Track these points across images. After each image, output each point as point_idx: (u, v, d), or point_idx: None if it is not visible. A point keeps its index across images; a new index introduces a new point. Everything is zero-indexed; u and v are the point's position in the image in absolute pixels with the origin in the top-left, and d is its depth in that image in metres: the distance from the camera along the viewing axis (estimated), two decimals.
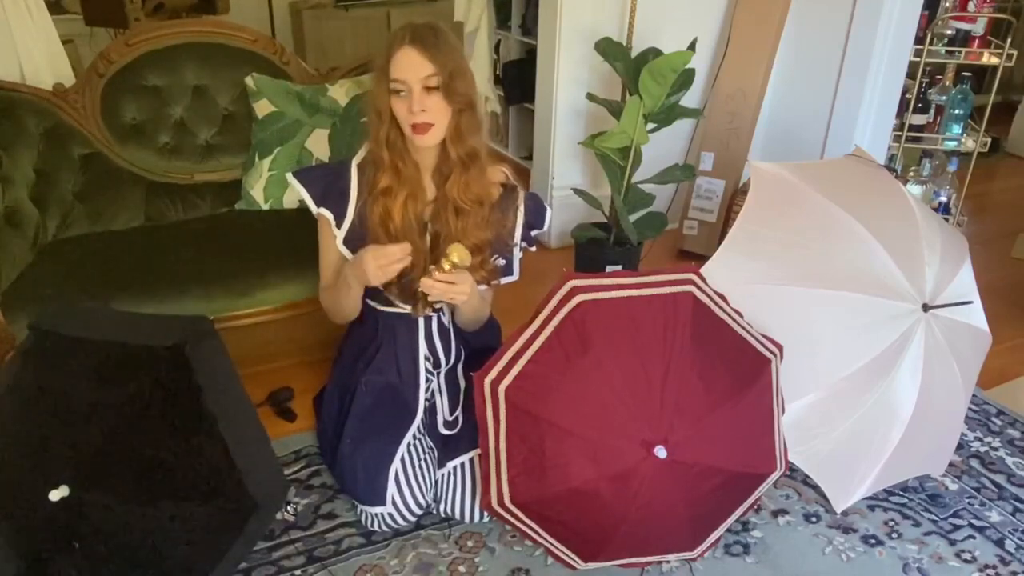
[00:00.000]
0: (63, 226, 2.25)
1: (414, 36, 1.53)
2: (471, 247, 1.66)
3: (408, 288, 1.71)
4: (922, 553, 1.78)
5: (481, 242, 1.70)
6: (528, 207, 1.80)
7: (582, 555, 1.61)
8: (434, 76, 1.54)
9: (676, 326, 1.54)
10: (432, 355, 1.86)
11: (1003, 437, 2.16)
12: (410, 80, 1.54)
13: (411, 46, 1.53)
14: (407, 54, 1.53)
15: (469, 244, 1.66)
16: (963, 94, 3.21)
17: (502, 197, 1.74)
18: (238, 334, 2.05)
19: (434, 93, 1.55)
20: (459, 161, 1.64)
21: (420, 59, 1.53)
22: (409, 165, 1.66)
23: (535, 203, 1.82)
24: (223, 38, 2.43)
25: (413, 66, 1.53)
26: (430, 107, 1.55)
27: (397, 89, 1.55)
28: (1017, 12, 4.18)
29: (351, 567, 1.68)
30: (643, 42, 2.65)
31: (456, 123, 1.61)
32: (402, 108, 1.56)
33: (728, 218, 3.04)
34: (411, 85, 1.54)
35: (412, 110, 1.55)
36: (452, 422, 1.85)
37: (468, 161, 1.65)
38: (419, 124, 1.57)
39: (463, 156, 1.64)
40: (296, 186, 1.72)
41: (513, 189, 1.77)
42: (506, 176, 1.77)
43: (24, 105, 2.21)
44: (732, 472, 1.58)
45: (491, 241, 1.73)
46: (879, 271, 1.77)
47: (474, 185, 1.67)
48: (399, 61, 1.54)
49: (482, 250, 1.71)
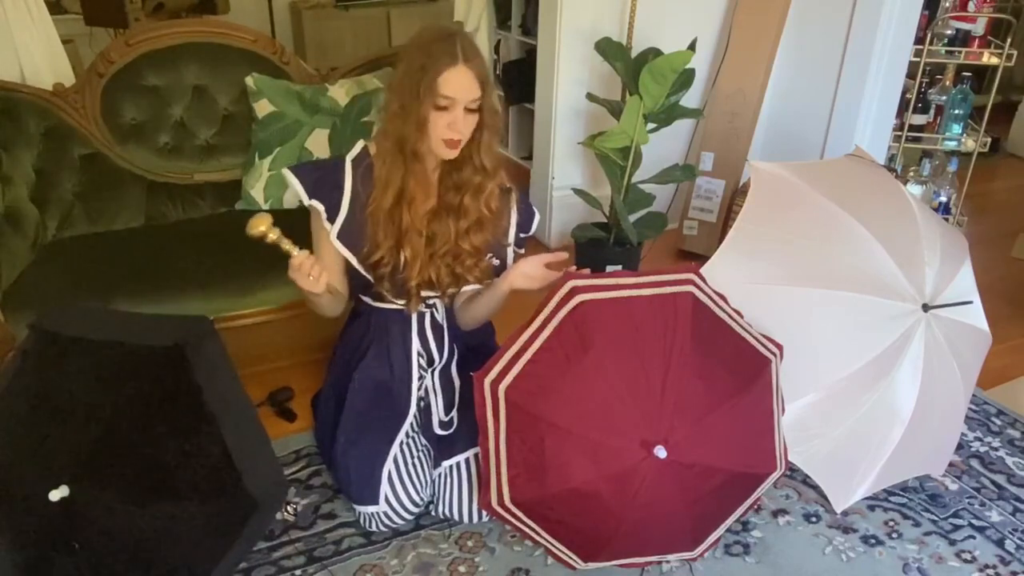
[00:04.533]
0: (63, 226, 2.25)
1: (466, 54, 1.54)
2: (472, 248, 1.71)
3: (402, 284, 1.72)
4: (922, 553, 1.78)
5: (482, 244, 1.74)
6: (520, 209, 1.83)
7: (582, 555, 1.61)
8: (478, 100, 1.56)
9: (676, 326, 1.54)
10: (425, 352, 1.87)
11: (1003, 437, 2.16)
12: (459, 99, 1.55)
13: (465, 66, 1.53)
14: (461, 74, 1.53)
15: (469, 246, 1.71)
16: (963, 94, 3.21)
17: (499, 197, 1.76)
18: (238, 334, 2.05)
19: (473, 114, 1.58)
20: (486, 173, 1.68)
21: (473, 81, 1.55)
22: (423, 171, 1.68)
23: (526, 206, 1.85)
24: (223, 38, 2.43)
25: (465, 88, 1.54)
26: (469, 124, 1.59)
27: (443, 105, 1.56)
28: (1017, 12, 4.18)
29: (351, 567, 1.68)
30: (643, 42, 2.65)
31: (489, 136, 1.65)
32: (441, 121, 1.57)
33: (728, 218, 3.04)
34: (457, 104, 1.55)
35: (454, 127, 1.57)
36: (447, 422, 1.85)
37: (494, 172, 1.69)
38: (454, 140, 1.59)
39: (490, 169, 1.68)
40: (290, 179, 1.72)
41: (509, 191, 1.80)
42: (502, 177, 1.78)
43: (24, 105, 2.21)
44: (732, 472, 1.58)
45: (490, 244, 1.76)
46: (879, 271, 1.77)
47: (493, 198, 1.71)
48: (452, 79, 1.53)
49: (483, 253, 1.75)
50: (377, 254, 1.68)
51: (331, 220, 1.71)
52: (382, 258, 1.69)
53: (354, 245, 1.71)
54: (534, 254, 1.74)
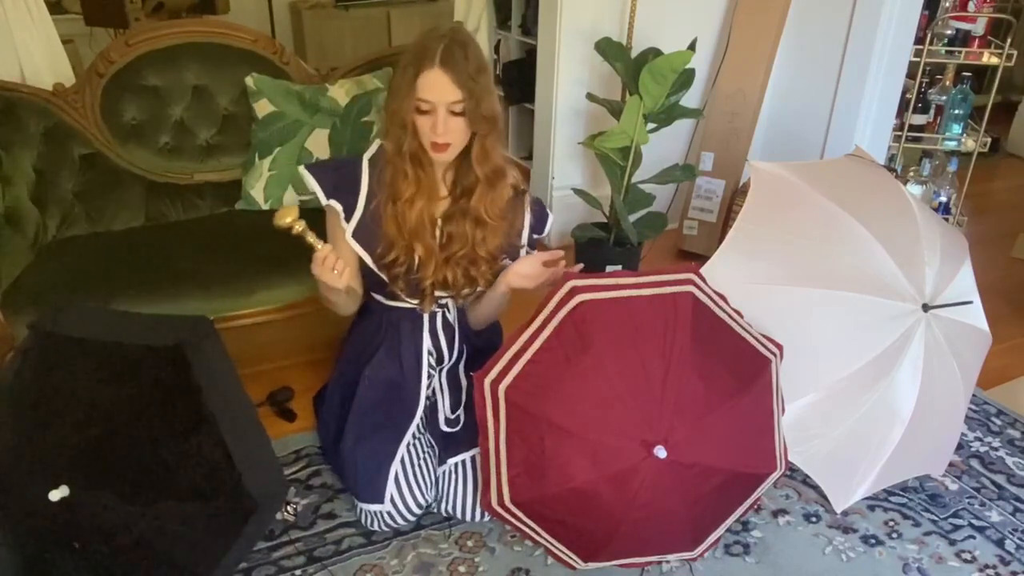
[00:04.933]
0: (63, 226, 2.25)
1: (444, 58, 1.52)
2: (487, 255, 1.72)
3: (416, 284, 1.73)
4: (922, 553, 1.78)
5: (497, 249, 1.75)
6: (533, 211, 1.83)
7: (582, 555, 1.61)
8: (460, 103, 1.55)
9: (676, 326, 1.54)
10: (436, 350, 1.87)
11: (1003, 437, 2.16)
12: (437, 103, 1.54)
13: (441, 69, 1.52)
14: (436, 77, 1.53)
15: (485, 252, 1.72)
16: (963, 94, 3.21)
17: (512, 199, 1.77)
18: (238, 334, 2.05)
19: (458, 117, 1.57)
20: (486, 179, 1.67)
21: (449, 84, 1.53)
22: (428, 173, 1.68)
23: (540, 208, 1.85)
24: (223, 38, 2.43)
25: (441, 90, 1.53)
26: (452, 130, 1.57)
27: (424, 109, 1.56)
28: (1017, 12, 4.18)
29: (351, 567, 1.68)
30: (643, 42, 2.65)
31: (481, 144, 1.63)
32: (425, 125, 1.58)
33: (728, 218, 3.04)
34: (437, 107, 1.55)
35: (435, 131, 1.56)
36: (454, 420, 1.85)
37: (494, 178, 1.68)
38: (439, 144, 1.59)
39: (489, 174, 1.67)
40: (307, 178, 1.73)
41: (523, 193, 1.80)
42: (516, 179, 1.78)
43: (24, 105, 2.21)
44: (732, 472, 1.58)
45: (504, 247, 1.76)
46: (879, 271, 1.77)
47: (499, 200, 1.70)
48: (427, 82, 1.53)
49: (497, 258, 1.75)
50: (391, 254, 1.69)
51: (347, 219, 1.72)
52: (396, 258, 1.70)
53: (369, 245, 1.72)
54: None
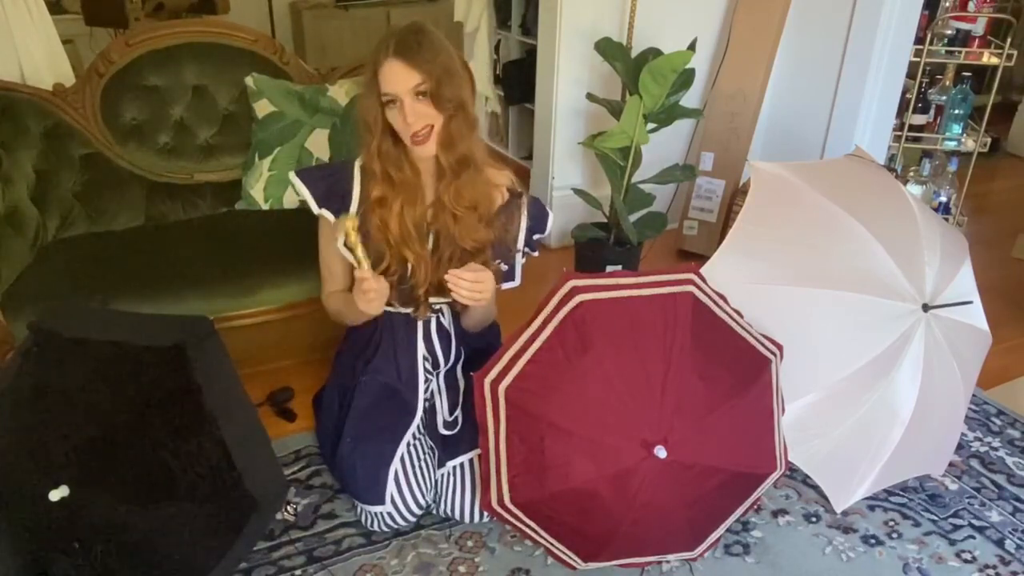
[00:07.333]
0: (63, 226, 2.25)
1: (397, 47, 1.52)
2: (470, 249, 1.67)
3: (409, 293, 1.72)
4: (922, 553, 1.78)
5: (480, 243, 1.70)
6: (531, 212, 1.79)
7: (582, 555, 1.61)
8: (422, 84, 1.53)
9: (676, 326, 1.54)
10: (431, 356, 1.87)
11: (1003, 437, 2.16)
12: (399, 92, 1.54)
13: (395, 58, 1.52)
14: (392, 67, 1.52)
15: (468, 246, 1.67)
16: (963, 94, 3.21)
17: (507, 202, 1.74)
18: (238, 334, 2.05)
19: (425, 101, 1.55)
20: (449, 168, 1.63)
21: (406, 70, 1.52)
22: (406, 171, 1.65)
23: (538, 208, 1.82)
24: (223, 38, 2.43)
25: (400, 78, 1.53)
26: (420, 113, 1.55)
27: (388, 101, 1.56)
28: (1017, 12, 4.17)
29: (351, 567, 1.68)
30: (643, 42, 2.65)
31: (447, 128, 1.59)
32: (398, 120, 1.57)
33: (728, 218, 3.04)
34: (401, 96, 1.54)
35: (408, 121, 1.55)
36: (452, 422, 1.85)
37: (459, 167, 1.63)
38: (419, 134, 1.57)
39: (453, 163, 1.63)
40: (298, 185, 1.72)
41: (519, 195, 1.77)
42: (511, 181, 1.76)
43: (24, 105, 2.21)
44: (732, 472, 1.58)
45: (491, 242, 1.72)
46: (879, 271, 1.77)
47: (466, 191, 1.65)
48: (385, 74, 1.53)
49: (482, 251, 1.70)
50: (383, 263, 1.66)
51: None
52: (388, 267, 1.67)
53: None
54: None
